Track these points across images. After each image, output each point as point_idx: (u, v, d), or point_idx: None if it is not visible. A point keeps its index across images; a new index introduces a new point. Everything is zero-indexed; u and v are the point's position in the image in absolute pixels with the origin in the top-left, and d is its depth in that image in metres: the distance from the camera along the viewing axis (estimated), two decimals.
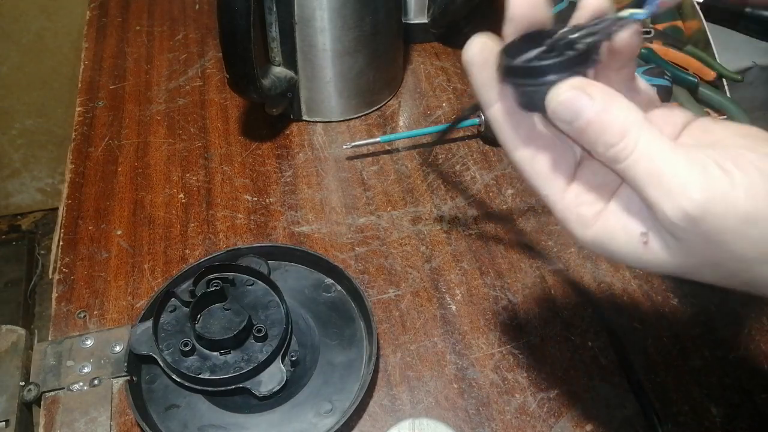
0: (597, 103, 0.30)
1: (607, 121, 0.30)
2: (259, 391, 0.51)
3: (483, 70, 0.34)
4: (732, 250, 0.30)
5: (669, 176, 0.29)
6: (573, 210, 0.34)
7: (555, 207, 0.34)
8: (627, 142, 0.30)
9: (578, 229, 0.34)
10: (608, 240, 0.33)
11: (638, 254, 0.32)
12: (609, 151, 0.30)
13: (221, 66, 0.77)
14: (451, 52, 0.88)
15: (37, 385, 0.55)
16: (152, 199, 0.71)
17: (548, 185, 0.34)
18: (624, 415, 0.54)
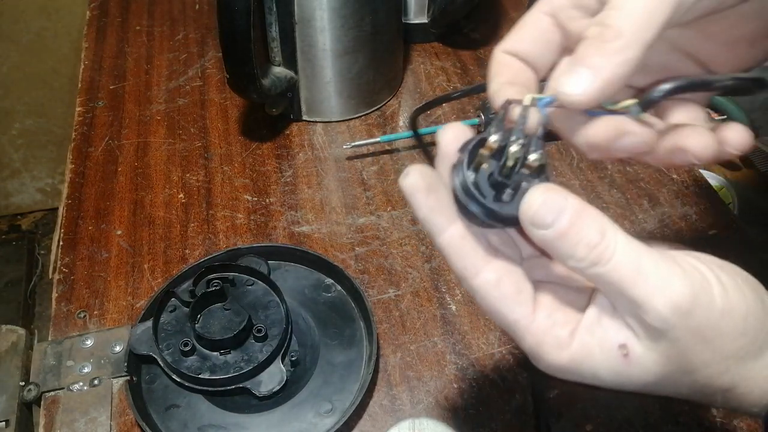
0: (574, 203, 0.29)
1: (588, 220, 0.29)
2: (259, 391, 0.51)
3: (430, 194, 0.32)
4: (712, 348, 0.29)
5: (654, 272, 0.29)
6: (548, 332, 0.31)
7: (527, 332, 0.31)
8: (607, 241, 0.29)
9: (553, 353, 0.31)
10: (586, 359, 0.31)
11: (618, 369, 0.31)
12: (591, 253, 0.29)
13: (221, 66, 0.77)
14: (451, 52, 0.88)
15: (37, 385, 0.55)
16: (152, 199, 0.71)
17: (518, 308, 0.31)
18: (624, 416, 0.54)
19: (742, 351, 0.30)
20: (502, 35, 0.97)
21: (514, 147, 0.31)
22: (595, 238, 0.29)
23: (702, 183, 0.72)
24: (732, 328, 0.30)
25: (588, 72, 0.31)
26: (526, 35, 0.35)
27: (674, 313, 0.28)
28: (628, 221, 0.68)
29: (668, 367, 0.30)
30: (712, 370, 0.30)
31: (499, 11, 0.95)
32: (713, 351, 0.30)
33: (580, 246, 0.29)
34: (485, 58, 0.87)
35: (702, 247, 0.35)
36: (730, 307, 0.30)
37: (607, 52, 0.30)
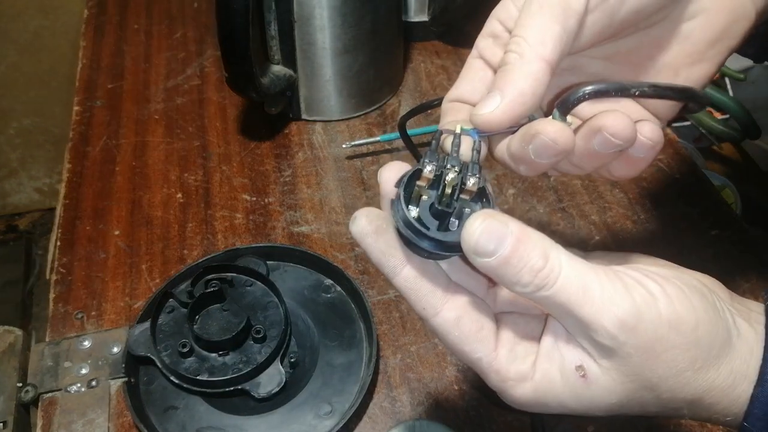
0: (515, 227, 0.29)
1: (530, 245, 0.29)
2: (258, 393, 0.51)
3: (379, 236, 0.32)
4: (666, 361, 0.29)
5: (599, 291, 0.29)
6: (511, 368, 0.31)
7: (490, 368, 0.32)
8: (552, 264, 0.29)
9: (518, 388, 0.32)
10: (549, 388, 0.31)
11: (579, 392, 0.31)
12: (536, 277, 0.29)
13: (220, 65, 0.77)
14: (452, 50, 0.88)
15: (35, 387, 0.55)
16: (150, 198, 0.70)
17: (480, 346, 0.31)
18: (626, 417, 0.53)
19: (699, 362, 0.30)
20: None
21: (450, 174, 0.32)
22: (538, 263, 0.29)
23: (704, 183, 0.72)
24: (682, 339, 0.30)
25: (496, 94, 0.32)
26: (464, 81, 0.37)
27: (621, 330, 0.29)
28: (631, 221, 0.67)
29: (627, 384, 0.30)
30: (672, 383, 0.30)
31: None
32: (667, 364, 0.30)
33: (524, 272, 0.29)
34: None
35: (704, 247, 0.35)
36: (677, 319, 0.29)
37: (509, 72, 0.32)
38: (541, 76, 0.32)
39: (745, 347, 0.31)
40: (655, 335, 0.29)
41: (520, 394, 0.32)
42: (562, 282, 0.29)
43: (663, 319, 0.29)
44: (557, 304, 0.29)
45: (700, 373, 0.30)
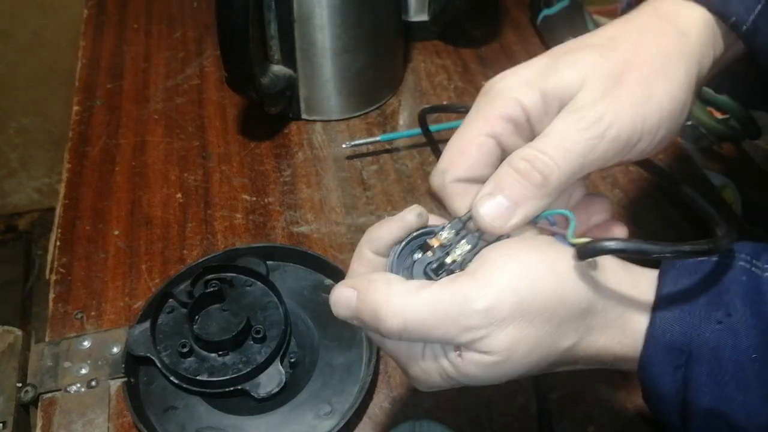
0: (356, 293, 0.35)
1: (364, 306, 0.34)
2: (258, 393, 0.51)
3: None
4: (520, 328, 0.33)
5: (448, 302, 0.33)
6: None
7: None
8: (385, 315, 0.33)
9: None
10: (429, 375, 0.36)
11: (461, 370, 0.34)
12: (383, 328, 0.33)
13: (219, 64, 0.77)
14: (452, 50, 0.88)
15: (34, 387, 0.55)
16: (150, 198, 0.70)
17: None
18: (626, 417, 0.53)
19: (546, 317, 0.33)
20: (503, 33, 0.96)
21: (458, 251, 0.35)
22: (374, 322, 0.34)
23: (705, 183, 0.72)
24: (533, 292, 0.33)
25: (511, 207, 0.35)
26: (475, 161, 0.37)
27: (485, 315, 0.32)
28: (631, 221, 0.67)
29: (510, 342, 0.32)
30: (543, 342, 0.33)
31: (500, 9, 0.94)
32: (522, 328, 0.32)
33: (377, 327, 0.34)
34: (486, 57, 0.87)
35: None
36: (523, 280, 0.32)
37: (529, 191, 0.34)
38: (552, 200, 0.35)
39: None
40: (519, 295, 0.32)
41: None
42: (403, 323, 0.33)
43: (522, 278, 0.32)
44: (419, 335, 0.33)
45: (555, 325, 0.33)
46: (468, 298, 0.32)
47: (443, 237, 0.36)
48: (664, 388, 0.33)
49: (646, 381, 0.34)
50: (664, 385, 0.33)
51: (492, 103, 0.37)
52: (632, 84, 0.35)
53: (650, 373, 0.33)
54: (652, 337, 0.33)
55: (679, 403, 0.33)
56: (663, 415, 0.35)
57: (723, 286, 0.33)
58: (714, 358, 0.32)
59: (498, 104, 0.37)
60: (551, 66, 0.36)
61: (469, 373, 0.33)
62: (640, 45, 0.36)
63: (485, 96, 0.38)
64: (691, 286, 0.33)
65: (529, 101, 0.36)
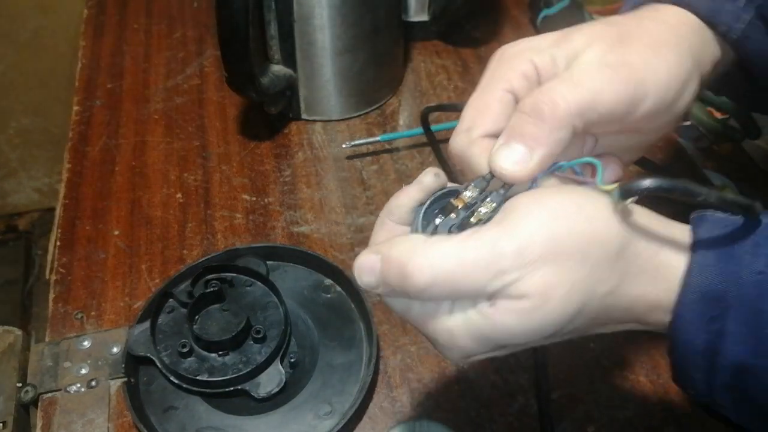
0: (379, 251, 0.33)
1: (390, 265, 0.32)
2: (258, 393, 0.51)
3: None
4: (569, 251, 0.32)
5: (477, 251, 0.31)
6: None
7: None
8: (410, 271, 0.32)
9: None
10: (462, 334, 0.33)
11: (493, 322, 0.32)
12: (407, 287, 0.32)
13: (219, 64, 0.76)
14: (452, 50, 0.88)
15: (34, 387, 0.55)
16: (150, 198, 0.70)
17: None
18: (626, 417, 0.53)
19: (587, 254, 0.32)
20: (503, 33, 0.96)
21: (483, 209, 0.34)
22: (396, 279, 0.32)
23: (706, 182, 0.72)
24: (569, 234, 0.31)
25: (527, 151, 0.34)
26: (496, 115, 0.37)
27: (518, 254, 0.30)
28: None
29: (549, 293, 0.31)
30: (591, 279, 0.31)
31: (501, 9, 0.94)
32: (573, 255, 0.31)
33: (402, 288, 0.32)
34: (486, 56, 0.86)
35: None
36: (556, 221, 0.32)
37: (544, 132, 0.34)
38: (567, 137, 0.34)
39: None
40: (550, 235, 0.31)
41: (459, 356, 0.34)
42: (432, 276, 0.31)
43: (551, 220, 0.31)
44: (448, 289, 0.31)
45: (612, 263, 0.32)
46: (497, 243, 0.31)
47: (467, 196, 0.34)
48: (696, 340, 0.32)
49: (677, 331, 0.32)
50: (696, 336, 0.32)
51: (508, 63, 0.38)
52: (640, 43, 0.36)
53: (683, 323, 0.32)
54: (688, 285, 0.32)
55: (709, 356, 0.32)
56: (687, 369, 0.33)
57: (760, 238, 0.32)
58: (753, 310, 0.31)
59: (514, 63, 0.38)
60: (561, 36, 0.38)
61: (504, 325, 0.31)
62: (642, 23, 0.38)
63: (500, 59, 0.39)
64: (727, 236, 0.32)
65: (541, 62, 0.37)
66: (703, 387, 0.33)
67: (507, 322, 0.31)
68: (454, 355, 0.34)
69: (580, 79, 0.35)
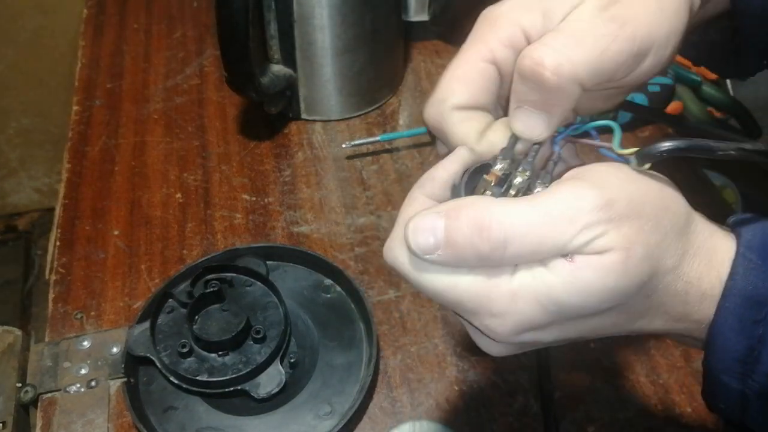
0: (442, 208, 0.31)
1: (462, 218, 0.30)
2: (258, 393, 0.51)
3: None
4: (651, 217, 0.31)
5: (561, 203, 0.30)
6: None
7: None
8: (490, 222, 0.29)
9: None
10: (535, 284, 0.31)
11: (571, 279, 0.30)
12: (484, 241, 0.29)
13: (219, 64, 0.76)
14: (452, 50, 0.87)
15: (34, 387, 0.55)
16: (149, 198, 0.70)
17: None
18: (626, 417, 0.53)
19: (675, 222, 0.31)
20: None
21: (519, 178, 0.32)
22: (473, 230, 0.29)
23: (705, 183, 0.72)
24: (653, 198, 0.31)
25: (542, 114, 0.33)
26: (476, 87, 0.36)
27: (603, 209, 0.29)
28: None
29: (623, 256, 0.29)
30: (660, 246, 0.30)
31: None
32: (653, 222, 0.30)
33: (473, 244, 0.29)
34: None
35: None
36: (639, 184, 0.31)
37: (556, 93, 0.32)
38: (574, 99, 0.33)
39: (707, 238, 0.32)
40: (630, 196, 0.30)
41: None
42: (515, 228, 0.29)
43: (630, 183, 0.31)
44: (529, 245, 0.29)
45: (678, 236, 0.31)
46: (584, 195, 0.29)
47: (498, 169, 0.33)
48: (737, 346, 0.31)
49: (716, 337, 0.31)
50: (736, 342, 0.31)
51: (491, 26, 0.35)
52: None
53: (722, 328, 0.31)
54: (730, 289, 0.31)
55: (749, 363, 0.31)
56: (721, 379, 0.32)
57: None
58: None
59: (497, 27, 0.35)
60: None
61: (582, 282, 0.29)
62: None
63: (483, 21, 0.36)
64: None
65: (530, 22, 0.34)
66: (736, 398, 0.32)
67: (586, 277, 0.29)
68: (505, 328, 0.30)
69: (583, 36, 0.32)
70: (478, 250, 0.29)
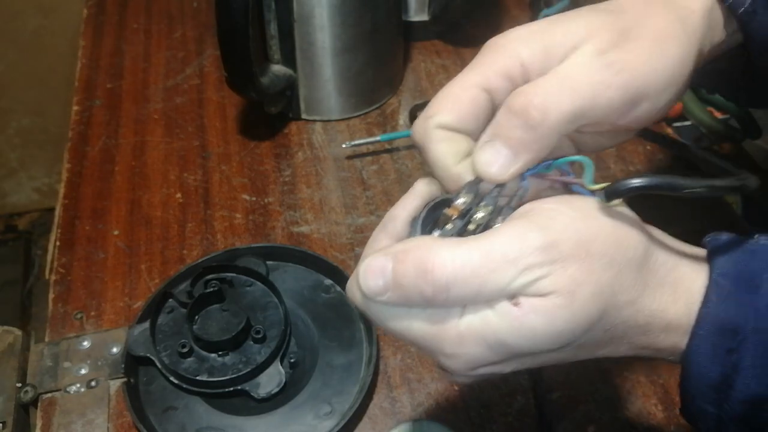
0: (393, 251, 0.31)
1: (407, 261, 0.30)
2: (258, 393, 0.51)
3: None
4: (598, 253, 0.31)
5: (506, 244, 0.30)
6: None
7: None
8: (434, 265, 0.30)
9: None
10: (482, 326, 0.31)
11: (517, 324, 0.30)
12: (430, 285, 0.30)
13: (219, 64, 0.76)
14: (452, 50, 0.88)
15: (34, 387, 0.55)
16: (149, 198, 0.70)
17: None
18: (626, 417, 0.53)
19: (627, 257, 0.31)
20: None
21: (480, 213, 0.33)
22: (419, 273, 0.29)
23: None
24: (603, 236, 0.31)
25: (510, 154, 0.32)
26: (464, 111, 0.35)
27: (544, 250, 0.29)
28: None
29: (568, 301, 0.29)
30: (610, 280, 0.30)
31: (501, 8, 0.94)
32: (600, 257, 0.30)
33: (418, 285, 0.29)
34: None
35: None
36: (586, 223, 0.31)
37: (530, 138, 0.32)
38: (553, 142, 0.33)
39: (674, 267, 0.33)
40: (578, 235, 0.30)
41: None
42: (455, 271, 0.29)
43: (579, 220, 0.30)
44: (472, 287, 0.29)
45: (637, 270, 0.31)
46: (527, 237, 0.29)
47: (460, 203, 0.33)
48: (711, 373, 0.31)
49: (691, 364, 0.31)
50: (710, 370, 0.31)
51: (492, 55, 0.35)
52: (644, 40, 0.33)
53: (697, 356, 0.31)
54: (703, 317, 0.31)
55: (723, 390, 0.31)
56: (697, 402, 0.32)
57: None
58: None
59: (497, 57, 0.35)
60: (556, 21, 0.35)
61: (527, 326, 0.29)
62: (648, 12, 0.35)
63: (485, 49, 0.36)
64: (743, 262, 0.31)
65: (529, 54, 0.34)
66: (713, 421, 0.32)
67: (531, 322, 0.29)
68: (459, 366, 0.31)
69: (577, 81, 0.32)
70: (423, 292, 0.29)
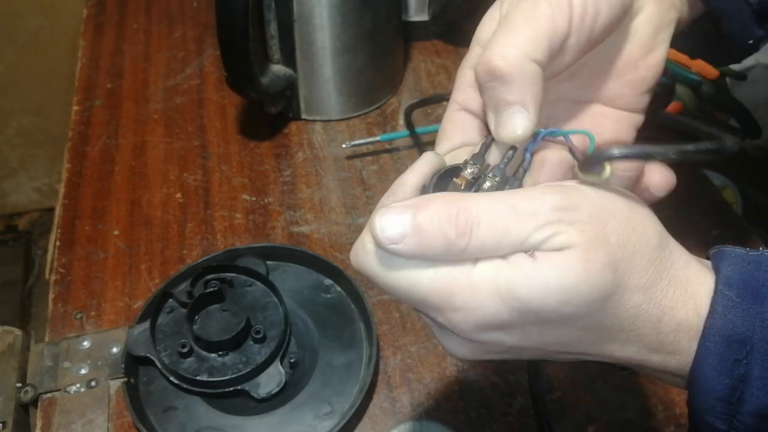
0: (411, 202, 0.31)
1: (431, 208, 0.30)
2: (258, 393, 0.51)
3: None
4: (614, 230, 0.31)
5: (528, 200, 0.31)
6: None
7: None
8: (462, 211, 0.30)
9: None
10: (493, 275, 0.30)
11: (530, 273, 0.29)
12: (456, 231, 0.29)
13: (219, 64, 0.76)
14: (452, 49, 0.88)
15: (34, 387, 0.55)
16: (149, 198, 0.70)
17: None
18: (626, 417, 0.53)
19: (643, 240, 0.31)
20: None
21: (487, 182, 0.33)
22: (448, 221, 0.29)
23: (705, 183, 0.72)
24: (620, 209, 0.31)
25: (521, 110, 0.33)
26: (456, 135, 0.38)
27: (562, 210, 0.29)
28: None
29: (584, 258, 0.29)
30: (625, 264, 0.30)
31: None
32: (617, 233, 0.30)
33: (441, 231, 0.29)
34: None
35: (705, 247, 0.35)
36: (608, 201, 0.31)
37: (527, 84, 0.32)
38: (542, 73, 0.33)
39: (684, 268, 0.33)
40: (595, 207, 0.30)
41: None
42: (480, 214, 0.29)
43: (597, 197, 0.31)
44: (494, 237, 0.29)
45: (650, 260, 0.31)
46: (547, 196, 0.30)
47: (468, 173, 0.33)
48: (718, 386, 0.31)
49: (698, 378, 0.31)
50: (718, 382, 0.30)
51: (459, 75, 0.38)
52: None
53: (704, 368, 0.31)
54: (710, 328, 0.31)
55: (732, 402, 0.31)
56: (707, 418, 0.32)
57: None
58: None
59: (462, 75, 0.38)
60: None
61: (540, 276, 0.29)
62: None
63: (458, 73, 0.39)
64: (749, 274, 0.31)
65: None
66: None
67: (545, 271, 0.29)
68: (467, 325, 0.30)
69: (515, 24, 0.33)
70: (446, 235, 0.29)
